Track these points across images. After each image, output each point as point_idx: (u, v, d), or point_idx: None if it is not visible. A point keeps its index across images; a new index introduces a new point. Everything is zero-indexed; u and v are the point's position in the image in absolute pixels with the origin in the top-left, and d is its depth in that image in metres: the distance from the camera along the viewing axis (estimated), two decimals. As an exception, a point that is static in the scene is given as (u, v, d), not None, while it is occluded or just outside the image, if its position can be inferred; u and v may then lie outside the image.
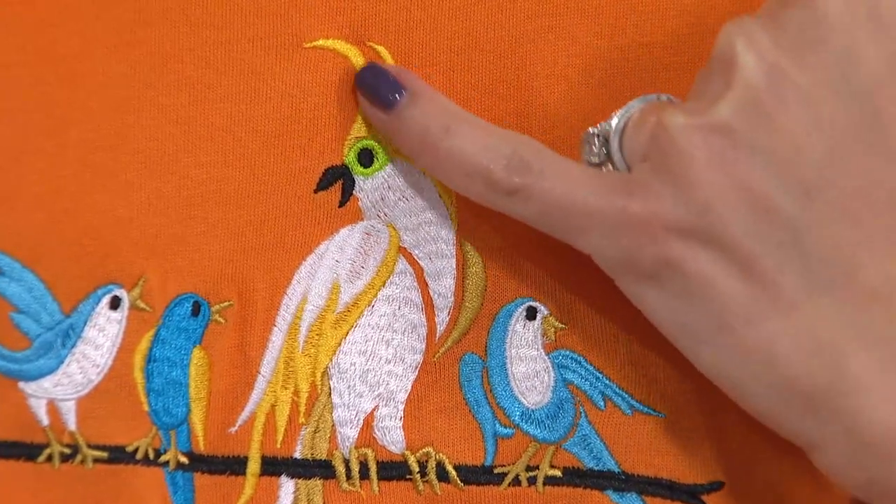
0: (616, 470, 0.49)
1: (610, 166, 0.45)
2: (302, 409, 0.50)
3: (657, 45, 0.49)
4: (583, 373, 0.49)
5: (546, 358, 0.49)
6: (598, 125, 0.45)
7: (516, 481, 0.49)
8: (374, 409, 0.49)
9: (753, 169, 0.41)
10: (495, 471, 0.49)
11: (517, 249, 0.49)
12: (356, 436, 0.49)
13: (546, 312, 0.49)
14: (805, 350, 0.41)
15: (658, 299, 0.43)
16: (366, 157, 0.50)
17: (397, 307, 0.49)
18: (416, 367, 0.49)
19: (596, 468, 0.49)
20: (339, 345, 0.49)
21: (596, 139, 0.45)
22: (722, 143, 0.41)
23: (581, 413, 0.49)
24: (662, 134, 0.42)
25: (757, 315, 0.41)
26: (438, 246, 0.49)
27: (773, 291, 0.41)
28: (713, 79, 0.43)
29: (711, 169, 0.41)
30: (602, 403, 0.49)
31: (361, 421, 0.49)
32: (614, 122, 0.45)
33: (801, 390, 0.41)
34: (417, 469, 0.49)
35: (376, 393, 0.49)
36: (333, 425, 0.49)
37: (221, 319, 0.51)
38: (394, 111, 0.47)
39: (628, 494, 0.49)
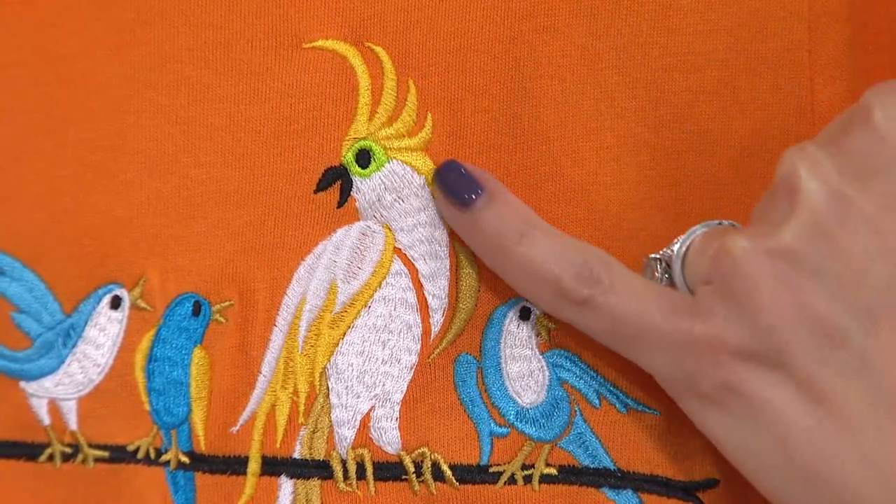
0: (612, 467, 0.49)
1: None
2: (301, 409, 0.50)
3: (653, 46, 0.49)
4: (577, 371, 0.49)
5: (540, 357, 0.49)
6: (661, 252, 0.46)
7: (512, 480, 0.49)
8: (370, 410, 0.49)
9: (818, 293, 0.41)
10: (491, 470, 0.49)
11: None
12: (353, 436, 0.49)
13: (539, 312, 0.49)
14: (871, 477, 0.41)
15: (720, 422, 0.44)
16: (364, 158, 0.50)
17: (393, 308, 0.49)
18: (412, 368, 0.49)
19: (591, 466, 0.49)
20: (337, 345, 0.49)
21: (658, 264, 0.46)
22: (786, 267, 0.42)
23: (576, 411, 0.49)
24: (726, 257, 0.43)
25: (821, 439, 0.42)
26: (433, 247, 0.49)
27: (838, 416, 0.41)
28: (776, 203, 0.43)
29: (775, 293, 0.42)
30: (597, 402, 0.49)
31: (358, 422, 0.49)
32: (676, 247, 0.46)
33: None
34: (413, 469, 0.49)
35: (373, 394, 0.49)
36: (331, 426, 0.50)
37: (222, 319, 0.51)
38: (469, 211, 0.47)
39: (624, 492, 0.49)
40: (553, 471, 0.49)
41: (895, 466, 0.41)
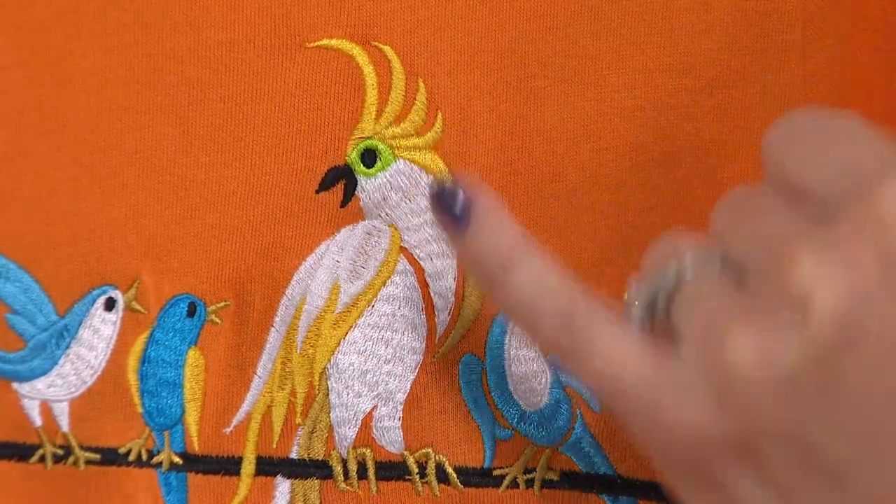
0: (611, 473, 0.49)
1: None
2: (299, 409, 0.50)
3: (651, 46, 0.49)
4: (579, 375, 0.49)
5: (543, 359, 0.49)
6: (633, 293, 0.41)
7: (514, 484, 0.49)
8: (372, 409, 0.49)
9: (814, 427, 0.38)
10: (494, 473, 0.49)
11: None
12: (354, 436, 0.49)
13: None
14: None
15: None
16: (369, 158, 0.50)
17: (397, 307, 0.49)
18: (416, 368, 0.49)
19: (591, 472, 0.49)
20: (338, 345, 0.49)
21: (639, 309, 0.41)
22: (787, 393, 0.38)
23: (577, 415, 0.49)
24: (724, 361, 0.38)
25: None
26: (440, 246, 0.49)
27: None
28: (781, 308, 0.38)
29: (771, 421, 0.38)
30: (598, 406, 0.49)
31: (360, 421, 0.49)
32: (668, 277, 0.41)
33: None
34: (416, 470, 0.49)
35: (375, 393, 0.49)
36: (330, 426, 0.49)
37: (217, 320, 0.51)
38: (461, 235, 0.43)
39: (623, 498, 0.49)
40: (554, 476, 0.49)
41: None
